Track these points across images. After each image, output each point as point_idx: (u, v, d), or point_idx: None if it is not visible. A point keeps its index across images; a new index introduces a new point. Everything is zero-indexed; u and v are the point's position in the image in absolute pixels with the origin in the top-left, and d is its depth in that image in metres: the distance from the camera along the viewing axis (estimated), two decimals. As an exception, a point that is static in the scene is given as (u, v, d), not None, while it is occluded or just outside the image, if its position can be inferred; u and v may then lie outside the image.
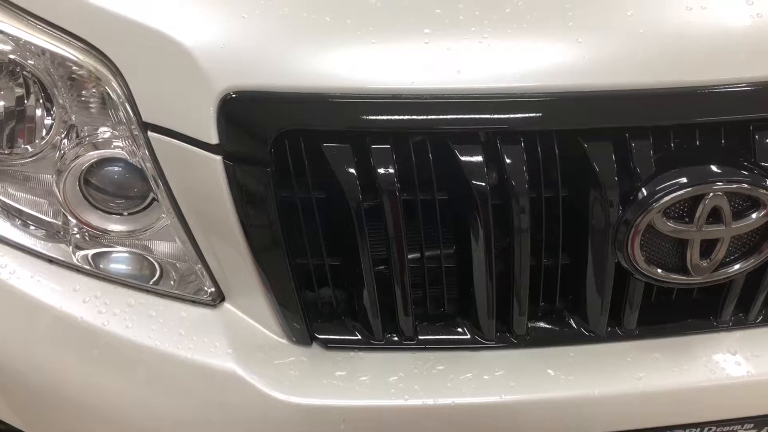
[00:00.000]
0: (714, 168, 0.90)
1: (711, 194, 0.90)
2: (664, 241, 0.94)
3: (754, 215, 0.92)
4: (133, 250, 1.07)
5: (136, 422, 1.01)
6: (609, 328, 1.04)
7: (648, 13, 0.91)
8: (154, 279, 1.07)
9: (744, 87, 0.89)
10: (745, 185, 0.90)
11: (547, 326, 1.04)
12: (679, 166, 0.90)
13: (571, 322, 1.04)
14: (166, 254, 1.06)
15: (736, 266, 0.96)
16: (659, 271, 0.94)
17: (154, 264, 1.07)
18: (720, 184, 0.89)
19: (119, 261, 1.07)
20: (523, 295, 0.98)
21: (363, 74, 0.86)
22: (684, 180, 0.89)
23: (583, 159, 0.90)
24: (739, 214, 0.92)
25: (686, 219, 0.92)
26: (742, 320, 1.06)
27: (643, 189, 0.90)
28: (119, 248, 1.07)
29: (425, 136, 0.90)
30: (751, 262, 0.95)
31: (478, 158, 0.89)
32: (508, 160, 0.89)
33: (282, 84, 0.87)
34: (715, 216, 0.92)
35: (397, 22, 0.90)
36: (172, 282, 1.06)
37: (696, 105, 0.90)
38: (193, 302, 1.03)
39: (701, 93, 0.89)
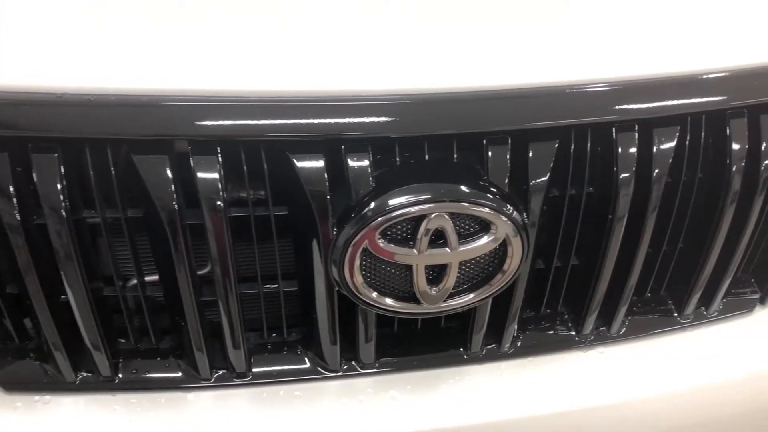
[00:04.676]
0: (437, 186, 0.80)
1: (434, 214, 0.80)
2: (390, 267, 0.84)
3: (483, 239, 0.83)
4: None
5: None
6: (345, 363, 0.93)
7: (364, 15, 0.82)
8: None
9: (473, 97, 0.80)
10: (471, 205, 0.81)
11: (277, 361, 0.92)
12: (401, 182, 0.80)
13: (305, 356, 0.93)
14: None
15: (471, 295, 0.87)
16: (380, 298, 0.83)
17: None
18: (442, 203, 0.79)
19: None
20: (235, 326, 0.85)
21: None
22: (403, 199, 0.79)
23: (293, 174, 0.80)
24: (468, 237, 0.84)
25: (410, 242, 0.83)
26: (494, 352, 0.98)
27: (359, 208, 0.79)
28: None
29: (98, 143, 0.76)
30: (481, 292, 0.86)
31: (163, 171, 0.76)
32: (200, 174, 0.77)
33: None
34: (443, 239, 0.83)
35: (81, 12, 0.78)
36: None
37: (420, 116, 0.79)
38: None
39: (424, 102, 0.79)
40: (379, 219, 0.79)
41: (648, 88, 0.85)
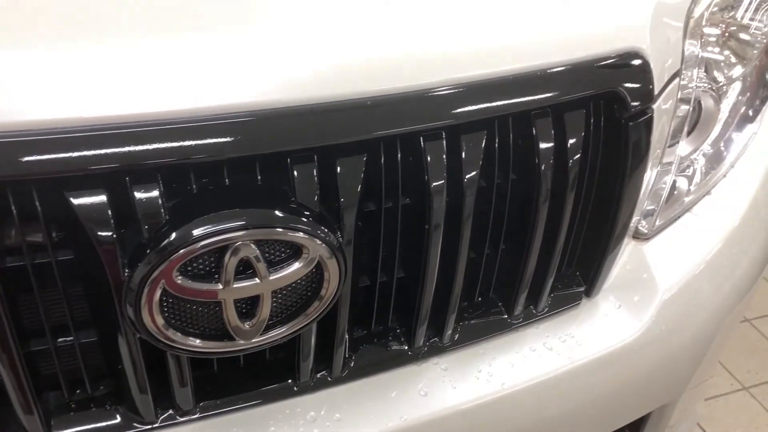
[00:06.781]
0: (239, 212, 0.74)
1: (237, 243, 0.74)
2: (196, 305, 0.77)
3: (294, 264, 0.78)
4: None
5: None
6: (162, 412, 0.85)
7: (131, 28, 0.73)
8: None
9: (270, 114, 0.74)
10: (279, 230, 0.75)
11: (82, 420, 0.82)
12: (198, 212, 0.73)
13: (115, 411, 0.84)
14: None
15: (291, 323, 0.82)
16: (186, 339, 0.76)
17: None
18: (246, 230, 0.73)
19: None
20: (22, 389, 0.75)
21: None
22: (200, 230, 0.72)
23: (72, 214, 0.71)
24: (280, 263, 0.78)
25: (215, 276, 0.76)
26: (325, 379, 0.93)
27: (152, 244, 0.72)
28: None
29: None
30: (301, 319, 0.81)
31: None
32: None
33: None
34: (252, 269, 0.77)
35: None
36: None
37: (210, 138, 0.72)
38: None
39: (213, 123, 0.72)
40: (176, 254, 0.72)
41: (450, 94, 0.83)
